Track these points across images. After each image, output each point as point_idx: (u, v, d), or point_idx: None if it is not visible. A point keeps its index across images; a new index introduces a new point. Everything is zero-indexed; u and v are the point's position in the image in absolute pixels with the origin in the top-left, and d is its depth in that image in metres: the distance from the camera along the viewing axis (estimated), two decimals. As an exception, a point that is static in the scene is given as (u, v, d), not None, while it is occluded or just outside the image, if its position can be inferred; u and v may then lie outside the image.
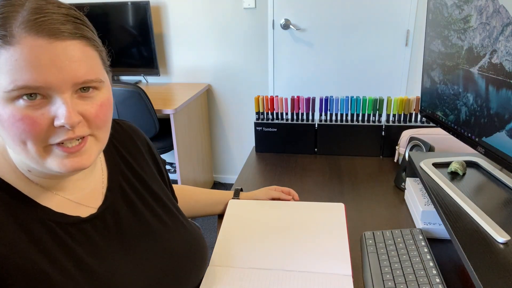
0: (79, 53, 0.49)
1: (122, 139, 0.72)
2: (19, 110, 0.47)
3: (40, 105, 0.48)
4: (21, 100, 0.47)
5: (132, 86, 1.90)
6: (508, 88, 0.64)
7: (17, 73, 0.46)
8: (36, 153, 0.50)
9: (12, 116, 0.47)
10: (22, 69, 0.46)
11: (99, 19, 2.33)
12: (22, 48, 0.46)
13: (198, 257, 0.71)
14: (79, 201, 0.60)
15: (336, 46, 2.32)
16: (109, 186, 0.65)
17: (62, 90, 0.48)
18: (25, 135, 0.48)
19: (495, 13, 0.66)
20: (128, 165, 0.70)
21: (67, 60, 0.48)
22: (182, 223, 0.73)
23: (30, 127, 0.48)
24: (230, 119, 2.63)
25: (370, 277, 0.71)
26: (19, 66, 0.46)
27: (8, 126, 0.48)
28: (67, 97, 0.49)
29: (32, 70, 0.46)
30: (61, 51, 0.48)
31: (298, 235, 0.83)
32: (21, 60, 0.46)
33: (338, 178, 1.16)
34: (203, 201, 0.97)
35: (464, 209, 0.71)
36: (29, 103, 0.47)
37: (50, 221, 0.54)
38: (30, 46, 0.46)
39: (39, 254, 0.51)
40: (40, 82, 0.47)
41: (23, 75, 0.46)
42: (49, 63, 0.47)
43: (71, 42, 0.49)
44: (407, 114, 1.25)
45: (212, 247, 0.81)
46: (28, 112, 0.47)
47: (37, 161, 0.51)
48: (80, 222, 0.58)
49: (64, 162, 0.51)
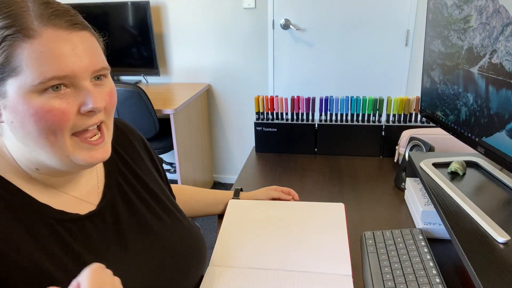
0: (91, 42, 0.53)
1: (117, 138, 0.73)
2: (48, 102, 0.49)
3: (65, 95, 0.50)
4: (47, 93, 0.49)
5: (132, 86, 1.90)
6: (508, 88, 0.64)
7: (44, 65, 0.47)
8: (64, 144, 0.52)
9: (41, 109, 0.49)
10: (48, 61, 0.48)
11: (99, 19, 2.33)
12: (46, 40, 0.48)
13: (196, 254, 0.71)
14: (79, 197, 0.60)
15: (336, 46, 2.32)
16: (106, 183, 0.66)
17: (84, 78, 0.51)
18: (56, 125, 0.50)
19: (495, 13, 0.66)
20: (125, 163, 0.71)
21: (84, 49, 0.51)
22: (180, 220, 0.73)
23: (60, 117, 0.50)
24: (230, 119, 2.63)
25: (370, 277, 0.71)
26: (46, 57, 0.47)
27: (37, 119, 0.49)
28: (88, 84, 0.52)
29: (58, 60, 0.48)
30: (79, 41, 0.51)
31: (298, 235, 0.83)
32: (47, 51, 0.47)
33: (338, 178, 1.16)
34: (203, 201, 0.97)
35: (464, 209, 0.71)
36: (56, 94, 0.49)
37: (50, 218, 0.55)
38: (52, 37, 0.48)
39: (39, 251, 0.51)
40: (66, 71, 0.49)
41: (50, 66, 0.48)
42: (71, 52, 0.49)
43: (83, 33, 0.52)
44: (407, 114, 1.25)
45: (212, 247, 0.81)
46: (56, 102, 0.49)
47: (63, 153, 0.52)
48: (79, 219, 0.58)
49: (88, 155, 0.54)
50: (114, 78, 2.55)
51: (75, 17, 0.52)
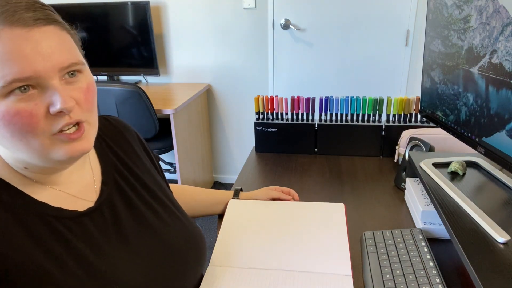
0: (57, 38, 0.50)
1: (112, 135, 0.72)
2: (13, 105, 0.47)
3: (32, 96, 0.48)
4: (13, 95, 0.47)
5: (132, 86, 1.90)
6: (508, 88, 0.64)
7: (3, 68, 0.45)
8: (40, 145, 0.50)
9: (7, 113, 0.47)
10: (7, 63, 0.45)
11: (99, 19, 2.33)
12: (3, 41, 0.45)
13: (194, 249, 0.71)
14: (77, 194, 0.60)
15: (336, 46, 2.32)
16: (103, 180, 0.65)
17: (51, 77, 0.48)
18: (25, 128, 0.48)
19: (495, 13, 0.66)
20: (121, 160, 0.71)
21: (48, 47, 0.48)
22: (177, 216, 0.73)
23: (28, 119, 0.48)
24: (230, 119, 2.63)
25: (370, 277, 0.71)
26: (4, 59, 0.45)
27: (5, 124, 0.47)
28: (57, 83, 0.49)
29: (18, 61, 0.45)
30: (41, 38, 0.47)
31: (298, 235, 0.83)
32: (4, 53, 0.45)
33: (338, 178, 1.16)
34: (203, 201, 0.97)
35: (464, 209, 0.71)
36: (21, 96, 0.47)
37: (48, 215, 0.54)
38: (9, 37, 0.45)
39: (38, 250, 0.51)
40: (28, 72, 0.46)
41: (11, 69, 0.45)
42: (32, 51, 0.46)
43: (47, 28, 0.49)
44: (407, 114, 1.25)
45: (212, 247, 0.81)
46: (22, 105, 0.47)
47: (41, 154, 0.51)
48: (78, 215, 0.58)
49: (68, 149, 0.52)
50: (114, 78, 2.55)
51: (39, 11, 0.48)
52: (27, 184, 0.55)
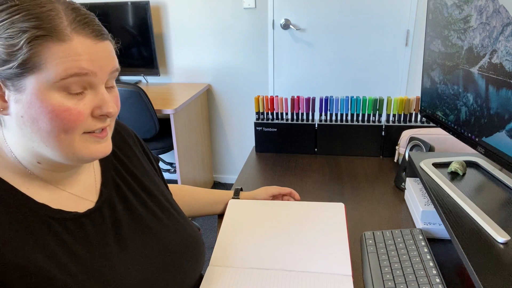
0: (111, 50, 0.57)
1: (113, 137, 0.72)
2: (65, 101, 0.51)
3: (83, 97, 0.53)
4: (66, 92, 0.51)
5: (132, 86, 1.90)
6: (508, 88, 0.64)
7: (67, 63, 0.49)
8: (71, 142, 0.53)
9: (58, 107, 0.50)
10: (73, 61, 0.50)
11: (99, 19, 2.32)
12: (74, 45, 0.50)
13: (193, 250, 0.72)
14: (79, 194, 0.61)
15: (336, 46, 2.32)
16: (103, 182, 0.66)
17: (103, 80, 0.54)
18: (69, 125, 0.51)
19: (495, 13, 0.66)
20: (120, 161, 0.71)
21: (107, 57, 0.55)
22: (176, 217, 0.74)
23: (76, 117, 0.51)
24: (230, 119, 2.63)
25: (370, 277, 0.71)
26: (71, 58, 0.50)
27: (53, 117, 0.50)
28: (104, 88, 0.55)
29: (82, 61, 0.51)
30: (102, 50, 0.54)
31: (298, 235, 0.83)
32: (73, 54, 0.50)
33: (338, 178, 1.16)
34: (203, 200, 0.97)
35: (464, 209, 0.71)
36: (74, 95, 0.52)
37: (48, 217, 0.55)
38: (80, 44, 0.51)
39: (38, 251, 0.51)
40: (88, 70, 0.51)
41: (74, 65, 0.50)
42: (95, 58, 0.52)
43: (106, 43, 0.55)
44: (407, 114, 1.25)
45: (212, 247, 0.81)
46: (73, 103, 0.51)
47: (69, 150, 0.53)
48: (78, 217, 0.58)
49: (94, 148, 0.56)
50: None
51: (100, 26, 0.55)
52: (29, 183, 0.55)
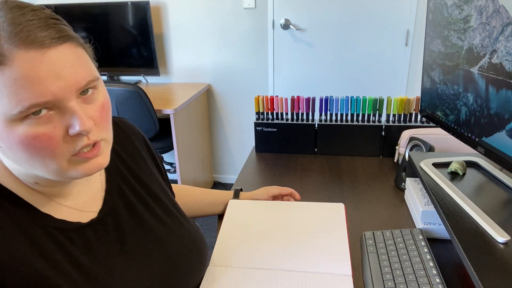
0: (72, 56, 0.48)
1: (120, 140, 0.72)
2: (31, 129, 0.45)
3: (49, 119, 0.47)
4: (29, 119, 0.45)
5: (132, 86, 1.90)
6: (508, 88, 0.64)
7: (20, 93, 0.43)
8: (57, 167, 0.49)
9: (25, 137, 0.45)
10: (24, 88, 0.43)
11: (99, 19, 2.33)
12: (18, 65, 0.43)
13: (197, 256, 0.71)
14: (80, 207, 0.59)
15: (336, 46, 2.32)
16: (107, 189, 0.64)
17: (69, 98, 0.47)
18: (44, 152, 0.47)
19: (495, 13, 0.66)
20: (127, 166, 0.70)
21: (65, 67, 0.46)
22: (182, 223, 0.73)
23: (47, 143, 0.47)
24: (230, 119, 2.63)
25: (370, 277, 0.71)
26: (20, 85, 0.43)
27: (24, 147, 0.46)
28: (74, 104, 0.48)
29: (34, 86, 0.44)
30: (57, 59, 0.46)
31: (298, 235, 0.83)
32: (21, 78, 0.43)
33: (338, 178, 1.16)
34: (203, 201, 0.97)
35: (464, 209, 0.71)
36: (37, 120, 0.46)
37: (51, 227, 0.54)
38: (25, 60, 0.43)
39: (42, 261, 0.51)
40: (46, 96, 0.45)
41: (27, 94, 0.44)
42: (49, 74, 0.45)
43: (63, 47, 0.47)
44: (407, 114, 1.25)
45: (212, 247, 0.81)
46: (41, 128, 0.46)
47: (58, 173, 0.50)
48: (81, 227, 0.57)
49: (85, 167, 0.51)
50: (114, 78, 2.55)
51: (52, 28, 0.46)
52: (32, 195, 0.55)
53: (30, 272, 0.49)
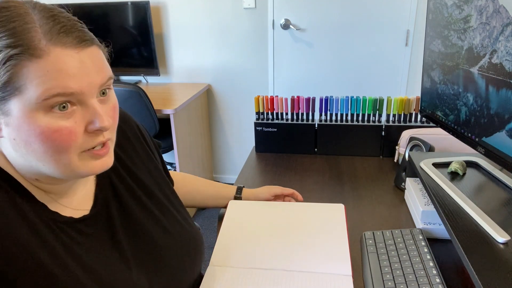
0: (99, 56, 0.52)
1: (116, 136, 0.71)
2: (54, 121, 0.48)
3: (71, 114, 0.49)
4: (53, 111, 0.48)
5: (132, 86, 1.90)
6: (508, 88, 0.64)
7: (49, 82, 0.46)
8: (69, 161, 0.51)
9: (47, 128, 0.47)
10: (54, 79, 0.46)
11: (99, 19, 2.33)
12: (53, 59, 0.46)
13: (192, 253, 0.71)
14: (74, 206, 0.60)
15: (336, 46, 2.32)
16: (99, 183, 0.64)
17: (92, 95, 0.50)
18: (62, 145, 0.49)
19: (495, 13, 0.66)
20: (119, 158, 0.69)
21: (93, 67, 0.50)
22: (176, 219, 0.73)
23: (67, 136, 0.49)
24: (230, 119, 2.63)
25: (370, 277, 0.71)
26: (52, 76, 0.46)
27: (44, 139, 0.48)
28: (95, 101, 0.51)
29: (64, 78, 0.47)
30: (87, 59, 0.49)
31: (298, 236, 0.83)
32: (53, 70, 0.46)
33: (338, 178, 1.16)
34: (206, 193, 0.96)
35: (464, 209, 0.71)
36: (62, 114, 0.48)
37: (47, 218, 0.54)
38: (60, 56, 0.47)
39: (41, 248, 0.51)
40: (73, 88, 0.47)
41: (56, 84, 0.46)
42: (79, 70, 0.48)
43: (92, 49, 0.51)
44: (407, 114, 1.25)
45: (212, 247, 0.81)
46: (63, 122, 0.48)
47: (68, 169, 0.51)
48: (73, 222, 0.57)
49: (94, 165, 0.54)
50: (114, 78, 2.55)
51: (83, 32, 0.50)
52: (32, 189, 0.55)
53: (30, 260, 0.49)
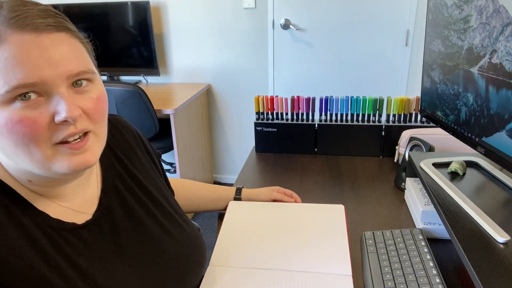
0: (67, 45, 0.48)
1: (113, 137, 0.70)
2: (16, 112, 0.45)
3: (37, 104, 0.47)
4: (16, 102, 0.46)
5: (132, 86, 1.90)
6: (508, 88, 0.64)
7: (8, 73, 0.44)
8: (42, 155, 0.48)
9: (10, 120, 0.45)
10: (13, 68, 0.44)
11: (99, 19, 2.33)
12: (10, 45, 0.44)
13: (195, 257, 0.71)
14: (76, 208, 0.59)
15: (336, 46, 2.32)
16: (103, 188, 0.64)
17: (58, 85, 0.47)
18: (27, 137, 0.46)
19: (495, 13, 0.66)
20: (122, 164, 0.69)
21: (57, 53, 0.47)
22: (179, 223, 0.72)
23: (31, 127, 0.46)
24: (230, 119, 2.63)
25: (370, 277, 0.71)
26: (10, 64, 0.44)
27: (7, 131, 0.46)
28: (64, 91, 0.48)
29: (24, 67, 0.44)
30: (50, 44, 0.46)
31: (298, 236, 0.83)
32: (11, 58, 0.44)
33: (338, 178, 1.16)
34: (204, 196, 0.96)
35: (464, 209, 0.71)
36: (25, 104, 0.46)
37: (47, 226, 0.53)
38: (18, 42, 0.44)
39: (38, 258, 0.50)
40: (34, 78, 0.45)
41: (16, 74, 0.44)
42: (40, 57, 0.45)
43: (57, 35, 0.48)
44: (407, 114, 1.25)
45: (212, 247, 0.81)
46: (26, 113, 0.46)
47: (43, 165, 0.49)
48: (75, 228, 0.56)
49: (70, 161, 0.50)
50: (114, 78, 2.55)
51: (50, 18, 0.48)
52: (30, 194, 0.54)
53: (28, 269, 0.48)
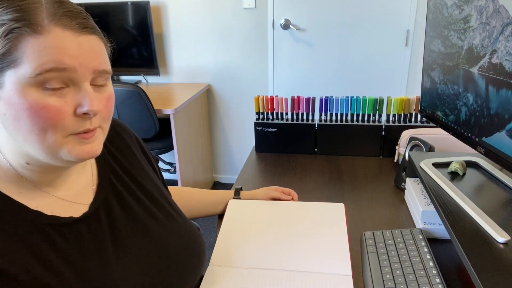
0: (98, 46, 0.53)
1: (111, 137, 0.72)
2: (42, 98, 0.48)
3: (63, 94, 0.50)
4: (45, 89, 0.48)
5: (132, 86, 1.90)
6: (508, 88, 0.64)
7: (44, 58, 0.47)
8: (54, 142, 0.51)
9: (36, 104, 0.48)
10: (50, 55, 0.48)
11: (99, 19, 2.33)
12: (52, 38, 0.48)
13: (193, 252, 0.71)
14: (72, 199, 0.59)
15: (336, 46, 2.32)
16: (99, 183, 0.65)
17: (86, 77, 0.51)
18: (48, 123, 0.49)
19: (495, 13, 0.66)
20: (118, 161, 0.70)
21: (91, 51, 0.51)
22: (175, 219, 0.73)
23: (54, 114, 0.49)
24: (230, 119, 2.63)
25: (370, 277, 0.71)
26: (47, 52, 0.47)
27: (31, 114, 0.48)
28: (88, 86, 0.52)
29: (59, 55, 0.48)
30: (86, 43, 0.51)
31: (298, 235, 0.83)
32: (50, 47, 0.48)
33: (338, 178, 1.16)
34: (203, 201, 0.97)
35: (464, 209, 0.71)
36: (53, 92, 0.49)
37: (43, 224, 0.53)
38: (59, 36, 0.48)
39: (34, 260, 0.50)
40: (67, 64, 0.48)
41: (51, 59, 0.48)
42: (75, 51, 0.50)
43: (92, 37, 0.52)
44: (407, 114, 1.25)
45: (212, 247, 0.81)
46: (53, 100, 0.49)
47: (52, 150, 0.51)
48: (73, 222, 0.57)
49: (78, 149, 0.53)
50: (114, 78, 2.55)
51: (86, 20, 0.52)
52: (22, 189, 0.54)
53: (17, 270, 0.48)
